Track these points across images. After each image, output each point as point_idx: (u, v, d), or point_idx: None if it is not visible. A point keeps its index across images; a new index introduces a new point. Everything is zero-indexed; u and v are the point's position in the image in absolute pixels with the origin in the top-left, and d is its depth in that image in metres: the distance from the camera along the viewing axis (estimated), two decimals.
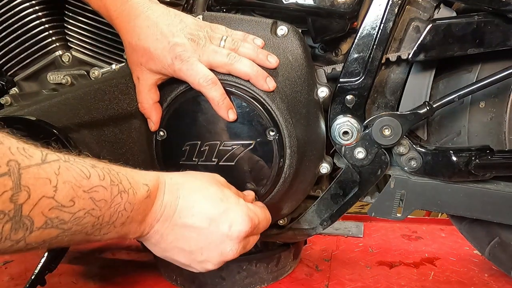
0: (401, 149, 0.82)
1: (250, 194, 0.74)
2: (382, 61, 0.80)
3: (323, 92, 0.81)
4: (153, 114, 0.74)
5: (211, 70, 0.70)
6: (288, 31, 0.77)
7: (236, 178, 0.74)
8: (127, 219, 0.53)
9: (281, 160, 0.73)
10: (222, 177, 0.69)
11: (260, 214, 0.67)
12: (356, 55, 0.79)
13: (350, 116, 0.81)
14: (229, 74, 0.71)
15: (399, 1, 0.76)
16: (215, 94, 0.69)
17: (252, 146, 0.73)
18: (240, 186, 0.74)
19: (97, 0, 0.72)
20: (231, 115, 0.71)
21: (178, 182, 0.62)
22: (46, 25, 0.87)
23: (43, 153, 0.43)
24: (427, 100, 0.82)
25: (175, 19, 0.69)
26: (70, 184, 0.44)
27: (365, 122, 0.81)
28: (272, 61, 0.72)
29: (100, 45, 0.86)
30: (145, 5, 0.69)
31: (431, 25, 0.77)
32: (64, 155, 0.46)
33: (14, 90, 0.91)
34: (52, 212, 0.42)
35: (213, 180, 0.66)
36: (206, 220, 0.61)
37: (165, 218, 0.60)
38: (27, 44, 0.88)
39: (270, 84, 0.71)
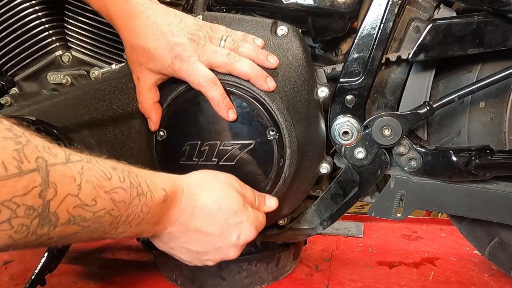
0: (401, 149, 0.82)
1: (261, 197, 0.75)
2: (382, 61, 0.80)
3: (323, 92, 0.81)
4: (153, 114, 0.74)
5: (211, 70, 0.70)
6: (288, 31, 0.77)
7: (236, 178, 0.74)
8: (142, 220, 0.54)
9: (281, 160, 0.73)
10: (238, 179, 0.71)
11: (263, 220, 0.71)
12: (356, 55, 0.79)
13: (350, 116, 0.81)
14: (229, 74, 0.71)
15: (399, 1, 0.76)
16: (215, 94, 0.69)
17: (252, 146, 0.73)
18: None
19: (97, 0, 0.72)
20: (231, 115, 0.71)
21: (196, 192, 0.64)
22: (46, 25, 0.87)
23: (66, 153, 0.44)
24: (427, 100, 0.82)
25: (175, 19, 0.69)
26: (92, 184, 0.46)
27: (365, 122, 0.81)
28: (272, 61, 0.72)
29: (100, 45, 0.86)
30: (145, 5, 0.69)
31: (431, 25, 0.77)
32: (86, 156, 0.47)
33: (14, 90, 0.91)
34: (76, 210, 0.44)
35: (231, 189, 0.68)
36: (219, 230, 0.64)
37: (180, 223, 0.62)
38: (27, 44, 0.88)
39: (270, 84, 0.71)
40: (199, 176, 0.68)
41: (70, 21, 0.87)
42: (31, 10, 0.86)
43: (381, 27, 0.77)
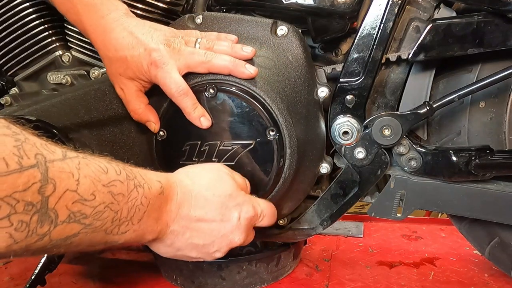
0: (401, 149, 0.82)
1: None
2: (382, 61, 0.80)
3: (323, 92, 0.81)
4: (150, 116, 0.74)
5: (192, 72, 0.71)
6: (288, 31, 0.77)
7: None
8: (144, 215, 0.54)
9: (281, 160, 0.73)
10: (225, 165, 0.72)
11: (263, 204, 0.71)
12: (356, 55, 0.79)
13: (350, 116, 0.81)
14: (229, 75, 0.71)
15: (399, 1, 0.76)
16: (186, 104, 0.71)
17: (252, 146, 0.73)
18: None
19: (72, 15, 0.73)
20: (205, 122, 0.72)
21: (188, 183, 0.64)
22: (46, 25, 0.87)
23: (63, 150, 0.45)
24: (427, 100, 0.82)
25: (150, 28, 0.71)
26: (90, 179, 0.46)
27: (365, 122, 0.81)
28: (248, 50, 0.73)
29: None
30: (120, 19, 0.70)
31: (431, 25, 0.77)
32: (81, 153, 0.48)
33: (14, 90, 0.91)
34: (75, 205, 0.44)
35: (221, 174, 0.68)
36: (219, 215, 0.64)
37: (181, 217, 0.62)
38: (27, 44, 0.88)
39: (250, 69, 0.71)
40: (187, 169, 0.69)
41: None
42: (31, 10, 0.86)
43: (381, 27, 0.77)
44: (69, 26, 0.88)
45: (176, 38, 0.71)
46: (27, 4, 0.85)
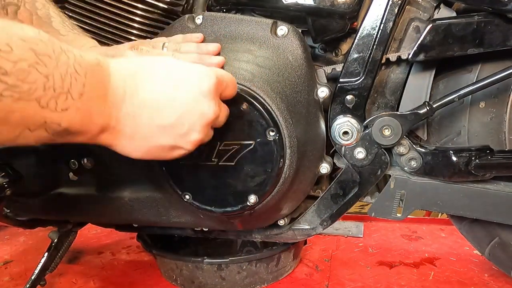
0: (401, 149, 0.82)
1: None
2: (382, 61, 0.80)
3: (323, 92, 0.81)
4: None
5: None
6: (288, 31, 0.77)
7: (236, 178, 0.74)
8: (84, 88, 0.47)
9: (281, 160, 0.73)
10: None
11: (220, 70, 0.63)
12: (356, 55, 0.79)
13: (350, 116, 0.81)
14: None
15: (399, 1, 0.76)
16: None
17: (252, 146, 0.73)
18: (240, 186, 0.74)
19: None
20: None
21: (126, 60, 0.57)
22: None
23: None
24: (427, 100, 0.81)
25: (116, 46, 0.74)
26: (1, 28, 0.40)
27: (365, 122, 0.81)
28: (213, 47, 0.74)
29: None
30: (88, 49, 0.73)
31: (431, 25, 0.77)
32: None
33: None
34: None
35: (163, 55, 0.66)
36: (173, 84, 0.56)
37: (131, 94, 0.53)
38: None
39: (216, 59, 0.72)
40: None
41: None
42: None
43: (381, 27, 0.77)
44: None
45: (143, 45, 0.72)
46: None
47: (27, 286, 1.00)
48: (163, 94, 0.55)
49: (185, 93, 0.56)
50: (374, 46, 0.77)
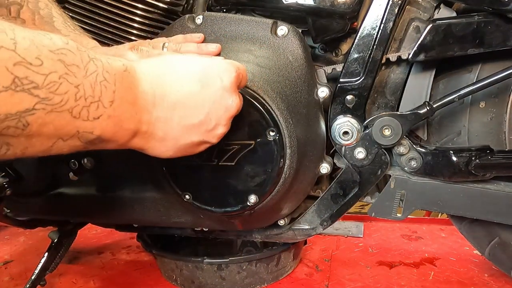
0: (401, 149, 0.82)
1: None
2: (382, 61, 0.80)
3: (323, 92, 0.81)
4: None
5: None
6: (288, 31, 0.77)
7: (236, 178, 0.74)
8: (114, 96, 0.47)
9: (281, 160, 0.73)
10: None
11: (236, 63, 0.63)
12: (356, 55, 0.79)
13: (350, 116, 0.81)
14: None
15: (399, 1, 0.76)
16: None
17: (252, 146, 0.73)
18: (240, 186, 0.74)
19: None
20: None
21: (150, 64, 0.57)
22: None
23: None
24: (427, 100, 0.81)
25: (116, 46, 0.73)
26: (30, 40, 0.39)
27: (365, 122, 0.81)
28: (213, 47, 0.74)
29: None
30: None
31: (431, 25, 0.77)
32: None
33: None
34: (18, 68, 0.38)
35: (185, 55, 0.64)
36: (198, 83, 0.57)
37: (161, 97, 0.54)
38: None
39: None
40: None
41: (70, 14, 0.87)
42: None
43: (381, 27, 0.77)
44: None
45: (142, 44, 0.72)
46: None
47: (27, 286, 1.00)
48: (190, 94, 0.56)
49: (210, 90, 0.57)
50: (374, 46, 0.77)
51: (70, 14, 0.86)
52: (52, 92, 0.41)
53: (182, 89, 0.55)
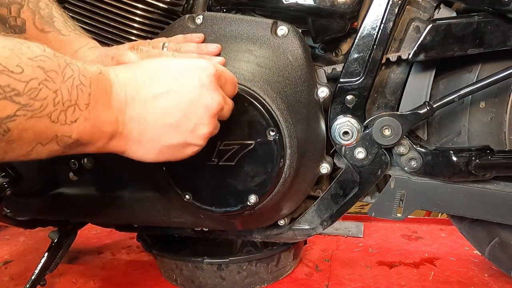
0: (401, 149, 0.82)
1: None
2: (382, 61, 0.80)
3: (323, 92, 0.81)
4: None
5: None
6: (288, 31, 0.77)
7: (236, 178, 0.74)
8: (90, 99, 0.48)
9: (281, 160, 0.73)
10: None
11: (217, 64, 0.63)
12: (356, 55, 0.79)
13: (350, 116, 0.81)
14: None
15: (399, 1, 0.76)
16: None
17: (252, 146, 0.73)
18: (240, 186, 0.74)
19: None
20: None
21: (124, 68, 0.57)
22: None
23: None
24: (427, 100, 0.82)
25: (116, 46, 0.73)
26: (10, 49, 0.41)
27: (365, 122, 0.81)
28: (214, 47, 0.74)
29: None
30: (87, 51, 0.74)
31: (431, 25, 0.77)
32: None
33: None
34: (0, 77, 0.39)
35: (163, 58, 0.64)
36: (174, 82, 0.56)
37: (132, 97, 0.54)
38: None
39: (217, 59, 0.71)
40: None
41: (70, 14, 0.87)
42: None
43: (381, 27, 0.77)
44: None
45: (142, 44, 0.72)
46: None
47: (27, 286, 1.00)
48: (162, 94, 0.55)
49: (186, 88, 0.56)
50: (374, 46, 0.77)
51: (70, 14, 0.86)
52: (33, 98, 0.42)
53: (154, 87, 0.55)
